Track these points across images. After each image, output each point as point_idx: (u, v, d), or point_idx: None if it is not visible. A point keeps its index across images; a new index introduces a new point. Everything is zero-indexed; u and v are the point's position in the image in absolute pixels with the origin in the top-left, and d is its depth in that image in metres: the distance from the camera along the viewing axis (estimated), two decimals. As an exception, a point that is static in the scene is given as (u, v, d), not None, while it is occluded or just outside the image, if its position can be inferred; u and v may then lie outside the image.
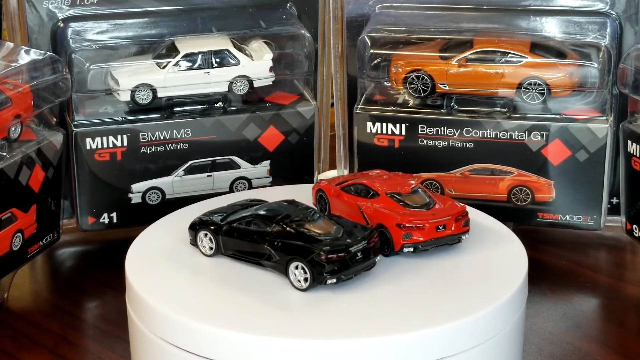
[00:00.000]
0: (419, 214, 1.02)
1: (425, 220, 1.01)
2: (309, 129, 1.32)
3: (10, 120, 1.14)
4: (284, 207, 1.02)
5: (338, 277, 0.95)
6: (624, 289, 1.24)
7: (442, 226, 1.01)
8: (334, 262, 0.94)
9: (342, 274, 0.95)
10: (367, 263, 0.97)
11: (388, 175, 1.10)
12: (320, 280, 0.94)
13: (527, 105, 1.25)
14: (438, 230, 1.01)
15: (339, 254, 0.94)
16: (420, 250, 1.01)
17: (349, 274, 0.95)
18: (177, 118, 1.27)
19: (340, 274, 0.95)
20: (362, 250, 0.96)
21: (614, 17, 1.26)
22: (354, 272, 0.96)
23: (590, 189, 1.24)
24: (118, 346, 1.11)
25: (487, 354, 0.94)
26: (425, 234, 1.01)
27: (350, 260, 0.95)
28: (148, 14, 1.29)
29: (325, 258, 0.94)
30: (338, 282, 0.95)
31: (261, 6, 1.32)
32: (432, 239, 1.01)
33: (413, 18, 1.31)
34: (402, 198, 1.04)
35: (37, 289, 1.28)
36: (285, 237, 0.97)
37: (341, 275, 0.95)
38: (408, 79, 1.27)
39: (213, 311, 0.93)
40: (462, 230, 1.03)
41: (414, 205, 1.03)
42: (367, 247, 0.96)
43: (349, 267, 0.95)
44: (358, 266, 0.96)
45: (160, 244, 1.05)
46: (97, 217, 1.27)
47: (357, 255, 0.96)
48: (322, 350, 0.88)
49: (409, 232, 1.00)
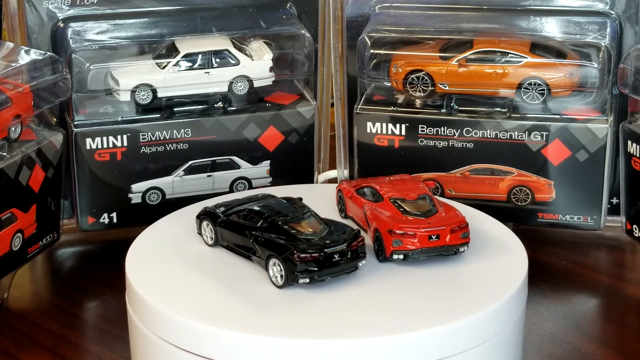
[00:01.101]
0: (413, 222, 1.01)
1: (417, 229, 0.99)
2: (309, 129, 1.32)
3: (10, 120, 1.14)
4: (279, 204, 1.02)
5: (311, 277, 0.95)
6: (624, 289, 1.24)
7: (435, 236, 0.99)
8: (307, 262, 0.95)
9: (316, 274, 0.95)
10: (345, 266, 0.96)
11: (402, 180, 1.08)
12: (292, 278, 0.95)
13: (527, 105, 1.25)
14: (431, 239, 0.99)
15: (312, 254, 0.95)
16: (411, 259, 0.99)
17: (323, 274, 0.95)
18: (177, 118, 1.27)
19: (313, 274, 0.95)
20: (340, 253, 0.96)
21: (614, 17, 1.26)
22: (330, 274, 0.96)
23: (590, 189, 1.24)
24: (118, 346, 1.12)
25: (487, 354, 0.94)
26: (417, 242, 0.99)
27: (326, 261, 0.95)
28: (148, 14, 1.29)
29: (297, 257, 0.94)
30: (312, 282, 0.95)
31: (261, 6, 1.32)
32: (423, 248, 0.99)
33: (413, 18, 1.31)
34: (403, 204, 1.03)
35: (37, 289, 1.28)
36: (269, 234, 0.98)
37: (314, 275, 0.95)
38: (408, 79, 1.27)
39: (213, 311, 0.93)
40: (458, 242, 1.00)
41: (413, 213, 1.02)
42: (346, 250, 0.96)
43: (324, 268, 0.95)
44: (335, 268, 0.96)
45: (160, 244, 1.05)
46: (97, 217, 1.27)
47: (334, 257, 0.95)
48: (322, 350, 0.88)
49: (399, 239, 0.99)
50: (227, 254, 1.02)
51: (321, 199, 1.12)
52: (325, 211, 1.05)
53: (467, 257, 1.01)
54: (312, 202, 1.04)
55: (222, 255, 1.02)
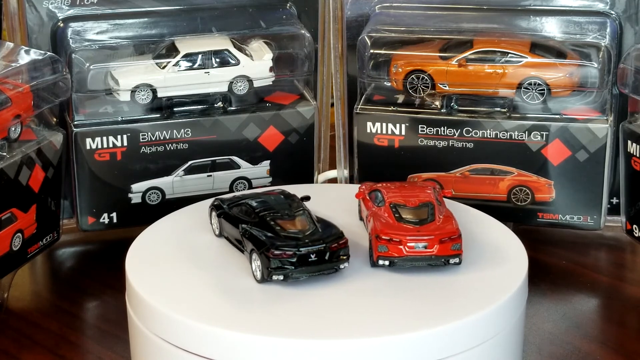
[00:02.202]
0: (402, 229, 0.99)
1: (404, 236, 0.98)
2: (309, 129, 1.32)
3: (10, 120, 1.14)
4: (276, 200, 1.03)
5: (285, 274, 0.95)
6: (624, 289, 1.24)
7: (422, 245, 0.97)
8: (281, 259, 0.95)
9: (290, 272, 0.95)
10: (324, 266, 0.96)
11: (413, 186, 1.07)
12: (266, 274, 0.96)
13: (527, 105, 1.25)
14: (417, 248, 0.97)
15: (287, 252, 0.95)
16: (397, 266, 0.98)
17: (298, 273, 0.96)
18: (177, 118, 1.27)
19: (287, 271, 0.95)
20: (317, 253, 0.96)
21: (614, 17, 1.26)
22: (306, 273, 0.96)
23: (590, 189, 1.24)
24: (118, 346, 1.12)
25: (487, 354, 0.94)
26: (402, 249, 0.97)
27: (301, 260, 0.95)
28: (148, 14, 1.29)
29: (272, 253, 0.95)
30: (286, 279, 0.95)
31: (261, 6, 1.32)
32: (409, 256, 0.97)
33: (413, 18, 1.31)
34: (401, 210, 1.01)
35: (37, 289, 1.28)
36: (256, 228, 0.99)
37: (289, 273, 0.95)
38: (408, 79, 1.27)
39: (213, 311, 0.93)
40: (448, 253, 0.97)
41: (407, 219, 1.00)
42: (323, 250, 0.96)
43: (298, 267, 0.95)
44: (311, 267, 0.96)
45: (160, 244, 1.05)
46: (97, 217, 1.27)
47: (310, 257, 0.96)
48: (321, 350, 0.88)
49: (385, 244, 0.98)
50: (227, 253, 1.02)
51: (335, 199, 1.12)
52: (331, 212, 1.06)
53: (467, 257, 1.01)
54: (322, 202, 1.05)
55: (222, 255, 1.02)
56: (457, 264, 0.98)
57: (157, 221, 1.10)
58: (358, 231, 1.05)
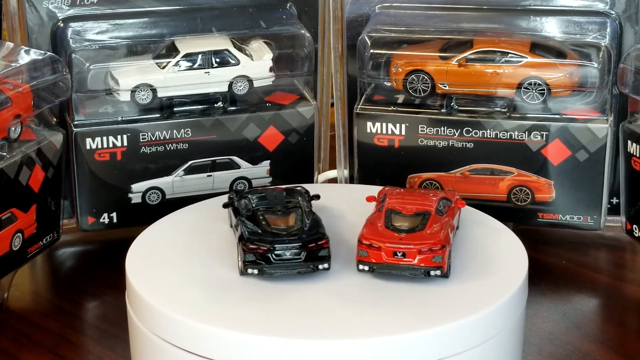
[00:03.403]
0: (385, 235, 0.97)
1: (383, 242, 0.96)
2: (309, 129, 1.32)
3: (10, 120, 1.14)
4: (275, 196, 1.04)
5: (260, 269, 0.96)
6: (624, 289, 1.24)
7: (401, 253, 0.96)
8: (255, 254, 0.96)
9: (265, 268, 0.96)
10: (299, 265, 0.97)
11: (420, 193, 1.04)
12: (242, 267, 0.97)
13: (527, 105, 1.25)
14: (396, 256, 0.95)
15: (261, 247, 0.96)
16: (377, 272, 0.96)
17: (272, 269, 0.96)
18: (177, 118, 1.27)
19: (262, 266, 0.96)
20: (293, 251, 0.96)
21: (614, 17, 1.26)
22: (280, 270, 0.96)
23: (590, 189, 1.24)
24: (118, 346, 1.12)
25: (487, 354, 0.94)
26: (381, 256, 0.96)
27: (274, 257, 0.96)
28: (148, 14, 1.29)
29: (247, 247, 0.97)
30: (261, 274, 0.96)
31: (261, 6, 1.32)
32: (387, 264, 0.96)
33: (413, 18, 1.31)
34: (394, 216, 1.00)
35: (37, 289, 1.28)
36: (245, 222, 1.00)
37: (264, 269, 0.96)
38: (408, 79, 1.27)
39: (213, 311, 0.93)
40: (429, 265, 0.95)
41: (395, 226, 0.98)
42: (299, 249, 0.96)
43: (271, 263, 0.96)
44: (286, 265, 0.96)
45: (160, 244, 1.05)
46: (97, 217, 1.27)
47: (286, 255, 0.96)
48: (322, 350, 0.88)
49: (365, 249, 0.96)
50: (227, 253, 1.02)
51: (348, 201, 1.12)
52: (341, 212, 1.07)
53: (467, 257, 1.01)
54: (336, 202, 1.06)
55: (222, 255, 1.02)
56: (439, 276, 0.96)
57: (157, 221, 1.10)
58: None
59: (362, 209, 1.09)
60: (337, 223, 1.07)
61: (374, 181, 1.25)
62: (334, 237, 1.01)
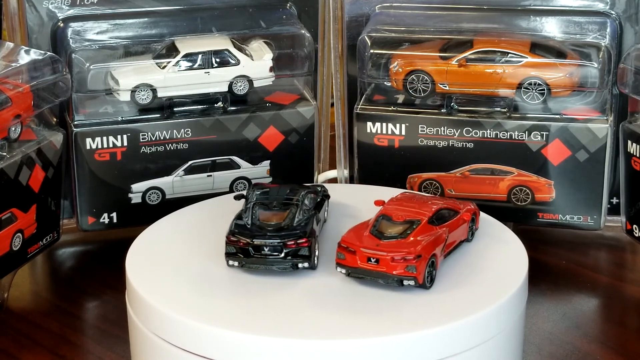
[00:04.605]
0: (365, 240, 0.96)
1: (359, 247, 0.96)
2: (309, 129, 1.32)
3: (10, 120, 1.14)
4: (278, 192, 1.04)
5: (240, 261, 0.98)
6: (624, 289, 1.24)
7: (374, 260, 0.95)
8: (235, 246, 0.98)
9: (244, 261, 0.98)
10: (277, 262, 0.97)
11: (420, 201, 1.03)
12: (226, 259, 0.99)
13: (527, 105, 1.25)
14: (369, 262, 0.95)
15: (241, 241, 0.97)
16: (353, 276, 0.96)
17: (250, 263, 0.98)
18: (177, 118, 1.27)
19: (241, 259, 0.98)
20: (271, 247, 0.97)
21: (614, 17, 1.26)
22: (259, 264, 0.98)
23: (590, 189, 1.24)
24: (118, 346, 1.12)
25: (487, 354, 0.94)
26: (356, 260, 0.95)
27: (254, 250, 0.97)
28: (148, 14, 1.29)
29: (228, 239, 0.98)
30: (241, 266, 0.98)
31: (261, 6, 1.32)
32: (361, 269, 0.95)
33: (413, 18, 1.31)
34: (383, 222, 0.99)
35: (37, 289, 1.28)
36: (241, 215, 1.01)
37: (243, 262, 0.98)
38: (408, 79, 1.27)
39: (213, 311, 0.93)
40: (401, 273, 0.94)
41: (378, 232, 0.97)
42: (277, 246, 0.97)
43: (250, 257, 0.97)
44: (264, 260, 0.97)
45: (160, 244, 1.05)
46: (97, 217, 1.27)
47: (264, 250, 0.97)
48: (322, 350, 0.88)
49: (343, 252, 0.96)
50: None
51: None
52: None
53: (466, 256, 1.01)
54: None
55: (222, 255, 1.02)
56: (414, 286, 0.94)
57: (157, 221, 1.10)
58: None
59: (362, 209, 1.09)
60: (336, 223, 1.07)
61: (374, 181, 1.25)
62: (332, 237, 1.01)
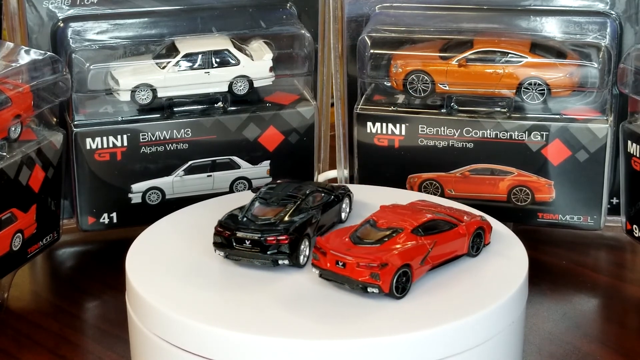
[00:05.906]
0: (338, 244, 0.96)
1: (329, 250, 0.95)
2: (309, 129, 1.32)
3: (10, 120, 1.14)
4: (283, 188, 1.05)
5: (225, 252, 1.00)
6: (624, 289, 1.24)
7: (342, 263, 0.94)
8: (220, 237, 1.00)
9: (228, 252, 1.00)
10: (257, 256, 0.99)
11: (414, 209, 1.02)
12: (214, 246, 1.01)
13: (527, 105, 1.25)
14: (337, 265, 0.95)
15: (225, 232, 1.00)
16: (324, 278, 0.96)
17: (234, 254, 1.00)
18: (177, 118, 1.27)
19: (226, 250, 1.00)
20: (252, 241, 0.99)
21: (614, 17, 1.26)
22: (241, 257, 0.99)
23: (590, 189, 1.24)
24: (118, 346, 1.12)
25: (487, 354, 0.94)
26: (326, 262, 0.95)
27: (236, 242, 0.99)
28: (148, 14, 1.29)
29: (215, 229, 1.01)
30: (227, 257, 1.00)
31: (261, 6, 1.32)
32: (330, 271, 0.95)
33: (413, 18, 1.31)
34: (367, 227, 0.98)
35: (37, 289, 1.28)
36: (242, 207, 1.03)
37: (227, 253, 1.00)
38: (408, 79, 1.27)
39: (213, 311, 0.93)
40: (365, 280, 0.93)
41: (356, 236, 0.97)
42: (257, 240, 0.98)
43: (233, 248, 0.99)
44: (245, 253, 0.99)
45: (160, 244, 1.05)
46: (97, 217, 1.27)
47: (245, 242, 0.99)
48: (322, 350, 0.88)
49: (317, 253, 0.96)
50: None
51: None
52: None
53: (467, 257, 1.01)
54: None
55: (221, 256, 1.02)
56: (376, 293, 0.94)
57: (157, 221, 1.10)
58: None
59: (361, 209, 1.09)
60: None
61: (374, 181, 1.25)
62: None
